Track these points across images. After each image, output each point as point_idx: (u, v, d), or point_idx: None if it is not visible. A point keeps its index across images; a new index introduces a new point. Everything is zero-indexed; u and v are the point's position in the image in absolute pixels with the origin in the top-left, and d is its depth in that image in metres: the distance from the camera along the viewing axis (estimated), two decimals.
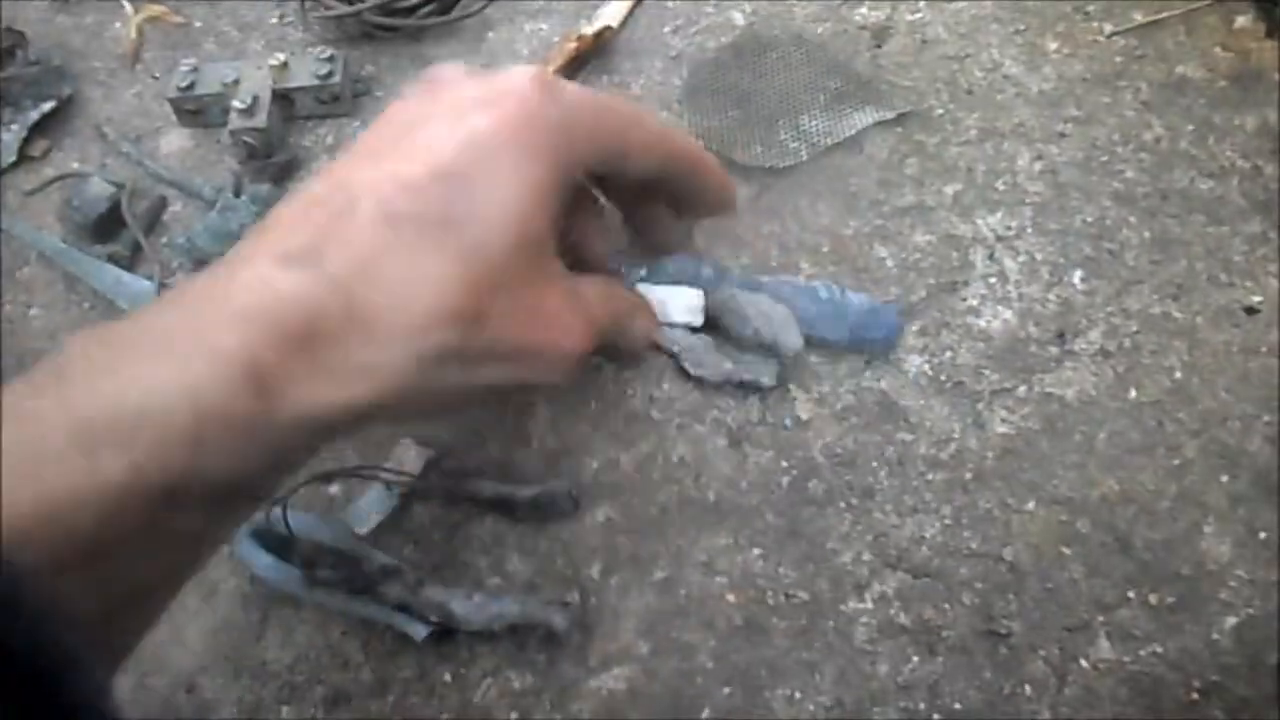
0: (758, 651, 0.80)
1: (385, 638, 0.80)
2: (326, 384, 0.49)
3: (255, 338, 0.46)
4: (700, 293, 0.90)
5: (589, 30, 1.04)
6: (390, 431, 0.87)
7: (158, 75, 1.09)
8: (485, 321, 0.53)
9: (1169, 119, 1.06)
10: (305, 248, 0.50)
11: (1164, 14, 1.13)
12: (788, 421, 0.88)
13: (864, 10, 1.11)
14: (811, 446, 0.88)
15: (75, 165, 1.03)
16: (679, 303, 0.90)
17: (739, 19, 1.09)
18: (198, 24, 1.12)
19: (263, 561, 0.79)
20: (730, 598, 0.82)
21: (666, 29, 1.09)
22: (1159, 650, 0.83)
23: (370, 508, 0.83)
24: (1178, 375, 0.93)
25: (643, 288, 0.90)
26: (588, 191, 0.71)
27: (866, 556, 0.84)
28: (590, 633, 0.80)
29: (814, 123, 1.02)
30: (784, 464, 0.87)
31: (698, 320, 0.89)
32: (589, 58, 1.04)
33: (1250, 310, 0.96)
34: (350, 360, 0.49)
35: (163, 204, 1.00)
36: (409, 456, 0.85)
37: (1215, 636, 0.84)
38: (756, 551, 0.84)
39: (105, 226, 0.97)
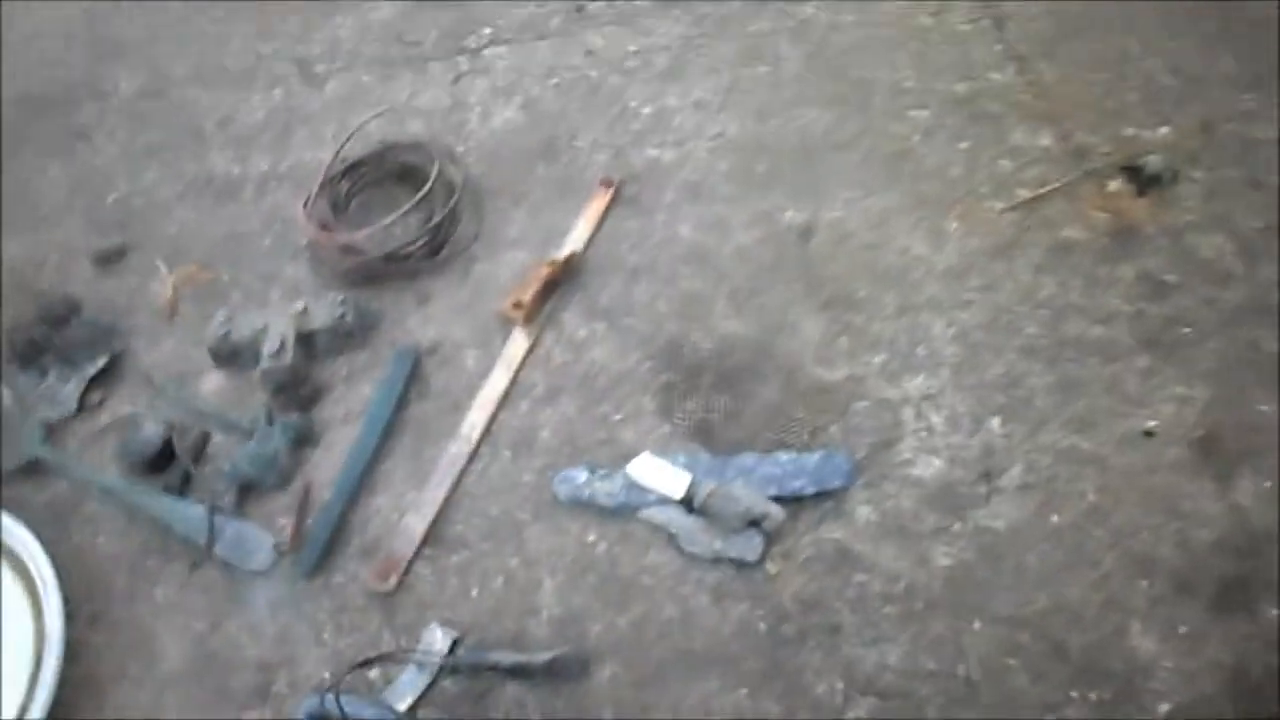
0: None
1: None
2: None
3: None
4: (689, 476, 1.06)
5: (559, 256, 1.23)
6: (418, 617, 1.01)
7: (193, 326, 1.26)
8: None
9: (1060, 276, 1.24)
10: None
11: (1046, 188, 1.33)
12: (759, 576, 1.03)
13: (790, 214, 1.30)
14: (781, 595, 1.02)
15: (128, 410, 1.19)
16: (667, 477, 1.06)
17: (685, 232, 1.29)
18: (225, 278, 1.30)
19: None
20: None
21: (624, 247, 1.28)
22: None
23: (407, 687, 0.96)
24: (1091, 498, 1.08)
25: (644, 457, 1.07)
26: None
27: (839, 685, 0.97)
28: None
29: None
30: (759, 613, 1.01)
31: (678, 495, 1.05)
32: (560, 280, 1.23)
33: (1148, 434, 1.12)
34: None
35: (206, 438, 1.16)
36: (436, 638, 0.99)
37: None
38: (743, 691, 0.97)
39: (158, 461, 1.12)
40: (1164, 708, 0.97)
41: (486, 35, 1.56)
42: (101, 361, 1.22)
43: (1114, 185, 1.35)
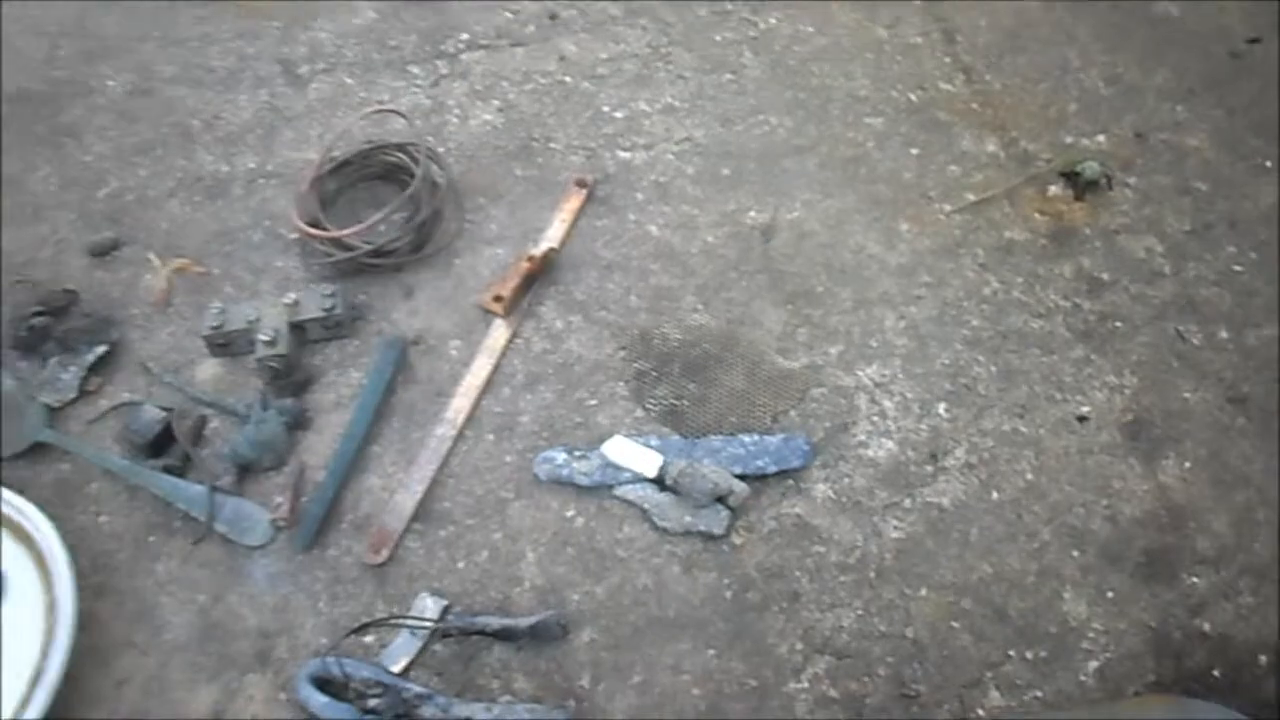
0: None
1: None
2: None
3: None
4: (661, 457, 1.14)
5: (537, 252, 1.30)
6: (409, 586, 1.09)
7: (187, 317, 1.32)
8: None
9: (1002, 275, 1.34)
10: None
11: (990, 192, 1.43)
12: (725, 548, 1.11)
13: (753, 214, 1.39)
14: (746, 565, 1.11)
15: (126, 396, 1.25)
16: (640, 458, 1.14)
17: (655, 230, 1.37)
18: (216, 271, 1.36)
19: (319, 701, 0.98)
20: (695, 691, 1.03)
21: (598, 244, 1.36)
22: (1039, 694, 1.05)
23: (400, 650, 1.04)
24: (1029, 477, 1.18)
25: (618, 439, 1.15)
26: None
27: (799, 646, 1.06)
28: None
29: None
30: (726, 581, 1.10)
31: (650, 474, 1.13)
32: (538, 274, 1.31)
33: (1082, 419, 1.22)
34: None
35: (204, 422, 1.22)
36: (427, 605, 1.06)
37: (1082, 678, 1.06)
38: (711, 652, 1.05)
39: (159, 444, 1.18)
40: (1093, 665, 1.07)
41: (464, 40, 1.63)
42: (100, 350, 1.27)
43: (1054, 190, 1.45)
